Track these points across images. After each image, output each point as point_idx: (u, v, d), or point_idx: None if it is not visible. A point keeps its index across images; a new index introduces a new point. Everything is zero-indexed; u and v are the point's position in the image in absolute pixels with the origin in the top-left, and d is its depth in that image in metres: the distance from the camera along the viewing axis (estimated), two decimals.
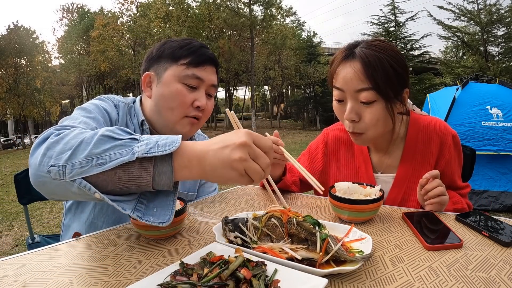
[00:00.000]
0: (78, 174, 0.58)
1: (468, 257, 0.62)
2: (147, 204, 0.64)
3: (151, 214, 0.63)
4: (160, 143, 0.60)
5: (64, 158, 0.58)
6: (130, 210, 0.61)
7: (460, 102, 3.92)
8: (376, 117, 0.93)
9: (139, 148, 0.59)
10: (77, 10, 32.09)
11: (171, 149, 0.59)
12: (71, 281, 0.57)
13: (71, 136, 0.62)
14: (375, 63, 0.89)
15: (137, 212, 0.62)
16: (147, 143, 0.60)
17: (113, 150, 0.59)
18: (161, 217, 0.63)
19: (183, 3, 20.83)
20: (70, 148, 0.59)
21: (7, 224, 4.27)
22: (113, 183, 0.60)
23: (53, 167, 0.58)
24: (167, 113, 0.95)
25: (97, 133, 0.61)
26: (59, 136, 0.62)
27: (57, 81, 27.01)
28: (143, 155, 0.58)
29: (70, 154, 0.58)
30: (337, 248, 0.57)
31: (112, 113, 0.95)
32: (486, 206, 3.67)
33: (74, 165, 0.58)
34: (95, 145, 0.59)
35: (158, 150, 0.58)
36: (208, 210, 0.96)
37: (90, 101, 0.97)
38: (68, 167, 0.58)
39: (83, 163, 0.58)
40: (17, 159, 14.26)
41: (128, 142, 0.60)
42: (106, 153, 0.58)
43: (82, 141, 0.60)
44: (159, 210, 0.64)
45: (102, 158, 0.58)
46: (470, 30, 13.24)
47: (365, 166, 1.09)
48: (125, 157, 0.58)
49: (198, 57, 0.95)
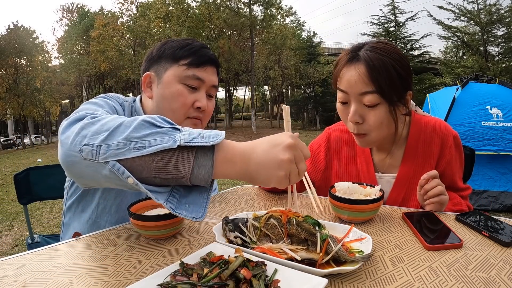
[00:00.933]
0: (113, 155, 0.55)
1: (468, 257, 0.62)
2: (179, 199, 0.61)
3: (184, 208, 0.60)
4: (204, 134, 0.58)
5: (100, 138, 0.56)
6: (164, 201, 0.58)
7: (460, 102, 3.92)
8: (380, 120, 0.93)
9: (181, 137, 0.57)
10: (77, 10, 32.11)
11: (216, 141, 0.57)
12: (71, 281, 0.57)
13: (108, 119, 0.60)
14: (379, 66, 0.89)
15: (170, 203, 0.59)
16: (190, 133, 0.58)
17: (154, 136, 0.56)
18: (194, 213, 0.60)
19: (183, 3, 20.83)
20: (107, 129, 0.57)
21: (7, 224, 4.27)
22: (149, 171, 0.57)
23: (86, 146, 0.56)
24: (168, 114, 0.95)
25: (136, 118, 0.59)
26: (96, 118, 0.60)
27: (57, 81, 27.00)
28: (186, 144, 0.56)
29: (107, 135, 0.56)
30: (337, 248, 0.57)
31: (119, 112, 0.95)
32: (486, 206, 3.67)
33: (110, 146, 0.55)
34: (135, 128, 0.57)
35: (201, 141, 0.56)
36: (208, 210, 0.96)
37: (96, 97, 0.93)
38: (103, 148, 0.55)
39: (120, 144, 0.55)
40: (17, 159, 14.25)
41: (170, 130, 0.58)
42: (146, 138, 0.56)
43: (121, 124, 0.58)
44: (192, 206, 0.61)
45: (141, 142, 0.55)
46: (470, 30, 13.24)
47: (367, 165, 1.09)
48: (166, 144, 0.55)
49: (199, 57, 0.95)
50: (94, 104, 0.84)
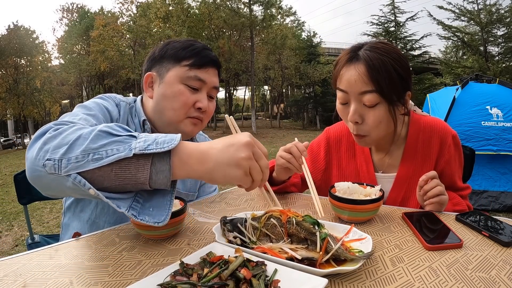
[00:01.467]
0: (73, 168, 0.57)
1: (468, 257, 0.62)
2: (143, 203, 0.63)
3: (147, 214, 0.61)
4: (159, 140, 0.59)
5: (61, 152, 0.57)
6: (125, 209, 0.59)
7: (460, 102, 3.92)
8: (379, 119, 0.93)
9: (136, 145, 0.58)
10: (77, 10, 32.10)
11: (170, 146, 0.58)
12: (71, 281, 0.57)
13: (69, 131, 0.61)
14: (379, 66, 0.90)
15: (132, 210, 0.60)
16: (145, 140, 0.59)
17: (111, 145, 0.58)
18: (156, 217, 0.61)
19: (183, 3, 20.82)
20: (67, 143, 0.58)
21: (7, 224, 4.27)
22: (109, 180, 0.59)
23: (48, 161, 0.57)
24: (169, 113, 0.95)
25: (95, 129, 0.61)
26: (57, 131, 0.62)
27: (57, 81, 26.99)
28: (141, 152, 0.57)
29: (66, 148, 0.58)
30: (337, 247, 0.57)
31: (113, 112, 0.95)
32: (486, 206, 3.67)
33: (70, 159, 0.57)
34: (92, 140, 0.58)
35: (156, 147, 0.57)
36: (208, 210, 0.96)
37: (91, 99, 0.96)
38: (63, 161, 0.57)
39: (79, 157, 0.57)
40: (17, 159, 14.25)
41: (126, 138, 0.59)
42: (103, 149, 0.57)
43: (79, 136, 0.59)
44: (156, 210, 0.62)
45: (98, 153, 0.57)
46: (470, 30, 13.24)
47: (367, 165, 1.09)
48: (122, 153, 0.57)
49: (201, 58, 0.95)
50: (83, 108, 0.87)
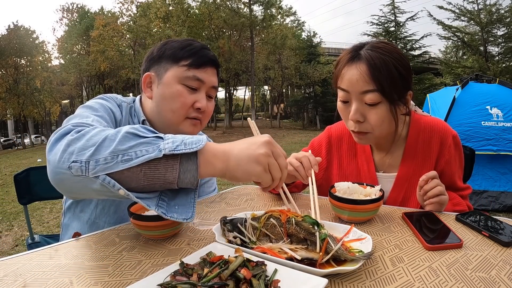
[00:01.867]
0: (102, 170, 0.57)
1: (468, 257, 0.62)
2: (168, 202, 0.64)
3: (174, 211, 0.63)
4: (186, 141, 0.61)
5: (87, 154, 0.57)
6: (155, 207, 0.61)
7: (460, 102, 3.92)
8: (381, 118, 0.94)
9: (165, 146, 0.59)
10: (77, 10, 32.08)
11: (198, 147, 0.60)
12: (71, 281, 0.57)
13: (92, 133, 0.61)
14: (380, 65, 0.90)
15: (161, 208, 0.62)
16: (173, 141, 0.61)
17: (139, 147, 0.59)
18: (184, 214, 0.64)
19: (183, 3, 20.82)
20: (93, 144, 0.58)
21: (7, 224, 4.27)
22: (137, 180, 0.60)
23: (74, 163, 0.57)
24: (168, 114, 0.95)
25: (120, 130, 0.61)
26: (80, 133, 0.61)
27: (57, 81, 26.99)
28: (170, 152, 0.59)
29: (93, 150, 0.58)
30: (337, 247, 0.57)
31: (116, 113, 0.95)
32: (486, 206, 3.67)
33: (98, 161, 0.57)
34: (120, 141, 0.59)
35: (185, 148, 0.59)
36: (208, 211, 0.96)
37: (93, 99, 0.95)
38: (91, 163, 0.57)
39: (108, 159, 0.57)
40: (17, 159, 14.26)
41: (154, 140, 0.61)
42: (132, 150, 0.58)
43: (106, 138, 0.59)
44: (181, 208, 0.64)
45: (128, 155, 0.58)
46: (470, 30, 13.24)
47: (368, 165, 1.09)
48: (151, 154, 0.58)
49: (199, 58, 0.95)
50: (89, 108, 0.86)
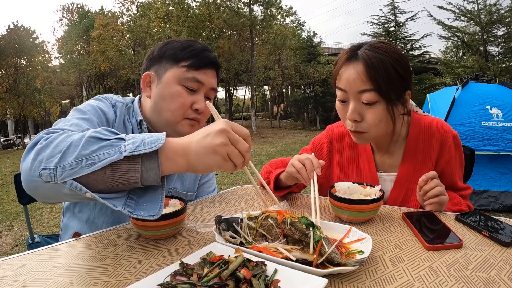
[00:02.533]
0: (69, 175, 0.60)
1: (468, 257, 0.62)
2: (137, 200, 0.66)
3: (142, 209, 0.65)
4: (146, 141, 0.62)
5: (54, 161, 0.60)
6: (121, 206, 0.63)
7: (460, 102, 3.92)
8: (378, 118, 0.94)
9: (126, 147, 0.61)
10: (77, 10, 32.07)
11: (157, 146, 0.61)
12: (71, 281, 0.57)
13: (59, 139, 0.63)
14: (377, 65, 0.90)
15: (128, 207, 0.64)
16: (133, 141, 0.62)
17: (101, 150, 0.61)
18: (151, 211, 0.64)
19: (183, 3, 20.80)
20: (59, 151, 0.61)
21: (7, 224, 4.27)
22: (103, 182, 0.62)
23: (44, 171, 0.60)
24: (166, 114, 0.95)
25: (84, 135, 0.63)
26: (48, 140, 0.64)
27: (57, 81, 26.96)
28: (131, 154, 0.60)
29: (60, 157, 0.60)
30: (330, 251, 0.57)
31: (108, 114, 0.95)
32: (486, 206, 3.67)
33: (65, 167, 0.60)
34: (83, 147, 0.61)
35: (144, 148, 0.61)
36: (208, 211, 0.96)
37: (87, 101, 0.97)
38: (58, 170, 0.60)
39: (73, 164, 0.60)
40: (17, 159, 14.25)
41: (115, 142, 0.62)
42: (95, 154, 0.60)
43: (70, 144, 0.62)
44: (149, 204, 0.66)
45: (91, 159, 0.60)
46: (470, 30, 13.23)
47: (369, 164, 1.10)
48: (113, 157, 0.60)
49: (199, 60, 0.95)
50: (78, 112, 0.89)
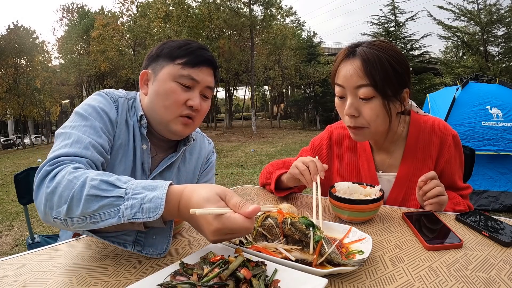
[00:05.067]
0: (79, 227, 0.65)
1: (468, 257, 0.62)
2: (147, 232, 0.70)
3: (151, 244, 0.70)
4: (145, 206, 0.61)
5: (63, 212, 0.64)
6: (131, 246, 0.70)
7: (460, 102, 3.92)
8: (375, 113, 0.94)
9: (124, 213, 0.61)
10: (77, 10, 32.05)
11: (155, 216, 0.60)
12: (71, 281, 0.57)
13: (62, 187, 0.65)
14: (374, 61, 0.91)
15: (137, 246, 0.70)
16: (132, 205, 0.61)
17: (102, 210, 0.62)
18: (159, 247, 0.69)
19: (183, 3, 20.80)
20: (65, 202, 0.64)
21: (7, 224, 4.27)
22: (111, 229, 0.68)
23: (56, 219, 0.65)
24: (160, 111, 0.95)
25: (84, 185, 0.64)
26: (53, 184, 0.66)
27: (57, 81, 26.94)
28: (129, 221, 0.61)
29: (66, 209, 0.64)
30: (330, 251, 0.57)
31: (110, 112, 0.95)
32: (486, 206, 3.67)
33: (73, 220, 0.64)
34: (84, 205, 0.63)
35: (142, 216, 0.60)
36: None
37: (88, 99, 0.95)
38: (69, 221, 0.64)
39: (79, 220, 0.64)
40: (17, 159, 14.26)
41: (114, 201, 0.62)
42: (96, 213, 0.63)
43: (73, 197, 0.64)
44: (158, 237, 0.70)
45: (94, 218, 0.63)
46: (470, 30, 13.22)
47: (368, 164, 1.10)
48: (113, 219, 0.62)
49: (195, 58, 0.95)
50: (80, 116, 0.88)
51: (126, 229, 0.69)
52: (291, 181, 1.02)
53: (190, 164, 1.08)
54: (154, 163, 0.99)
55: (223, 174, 7.14)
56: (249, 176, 6.75)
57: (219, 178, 6.64)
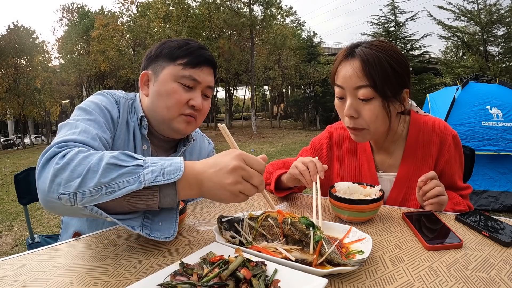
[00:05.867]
0: (89, 201, 0.61)
1: (468, 257, 0.62)
2: (152, 219, 0.69)
3: (158, 229, 0.68)
4: (165, 170, 0.63)
5: (74, 186, 0.60)
6: (139, 229, 0.67)
7: (460, 102, 3.92)
8: (375, 114, 0.94)
9: (145, 177, 0.61)
10: (77, 10, 32.04)
11: (176, 177, 0.62)
12: (71, 281, 0.57)
13: (76, 161, 0.63)
14: (373, 61, 0.91)
15: (145, 229, 0.68)
16: (153, 170, 0.62)
17: (121, 178, 0.61)
18: (166, 232, 0.68)
19: (183, 3, 20.79)
20: (78, 176, 0.61)
21: (7, 224, 4.27)
22: (121, 207, 0.65)
23: (63, 195, 0.61)
24: (162, 111, 0.95)
25: (102, 158, 0.63)
26: (64, 160, 0.64)
27: (57, 81, 26.92)
28: (150, 184, 0.61)
29: (79, 182, 0.61)
30: (330, 251, 0.57)
31: (113, 111, 0.95)
32: (486, 206, 3.67)
33: (85, 193, 0.60)
34: (102, 174, 0.61)
35: (163, 179, 0.62)
36: (208, 211, 0.96)
37: (91, 97, 0.96)
38: (78, 195, 0.60)
39: (93, 192, 0.60)
40: (17, 159, 14.26)
41: (134, 169, 0.62)
42: (114, 182, 0.61)
43: (89, 169, 0.62)
44: (164, 223, 0.69)
45: (111, 187, 0.61)
46: (470, 30, 13.22)
47: (368, 164, 1.10)
48: (133, 186, 0.61)
49: (195, 58, 0.95)
50: (83, 111, 0.88)
51: (136, 209, 0.67)
52: (291, 181, 1.02)
53: None
54: None
55: None
56: None
57: None
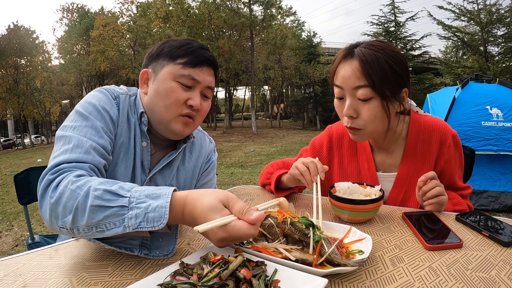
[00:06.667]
0: (85, 236, 0.66)
1: (468, 257, 0.62)
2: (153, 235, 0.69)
3: (157, 247, 0.70)
4: (149, 216, 0.61)
5: (68, 222, 0.65)
6: (138, 250, 0.70)
7: (460, 102, 3.92)
8: (373, 114, 0.94)
9: (129, 222, 0.61)
10: (77, 10, 32.04)
11: (160, 225, 0.60)
12: (71, 281, 0.57)
13: (66, 196, 0.66)
14: (372, 61, 0.91)
15: (144, 249, 0.70)
16: (137, 214, 0.61)
17: (107, 219, 0.63)
18: (165, 249, 0.70)
19: (183, 3, 20.79)
20: (69, 212, 0.65)
21: (7, 224, 4.27)
22: (117, 237, 0.68)
23: (62, 228, 0.66)
24: (161, 110, 0.95)
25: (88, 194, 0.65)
26: (56, 195, 0.67)
27: (57, 81, 26.94)
28: (134, 230, 0.61)
29: (71, 219, 0.64)
30: (330, 251, 0.57)
31: (111, 110, 0.95)
32: (486, 206, 3.67)
33: (79, 229, 0.65)
34: (89, 215, 0.63)
35: (147, 225, 0.61)
36: None
37: (89, 96, 0.93)
38: (75, 230, 0.65)
39: (85, 229, 0.64)
40: (17, 159, 14.26)
41: (118, 210, 0.63)
42: (101, 223, 0.63)
43: (77, 208, 0.65)
44: (164, 240, 0.70)
45: (100, 227, 0.63)
46: (470, 30, 13.22)
47: (368, 164, 1.10)
48: (118, 229, 0.62)
49: (195, 57, 0.95)
50: (80, 116, 0.87)
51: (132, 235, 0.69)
52: (291, 181, 1.02)
53: (190, 162, 1.08)
54: (154, 161, 0.99)
55: (223, 174, 7.14)
56: (249, 176, 6.75)
57: (219, 178, 6.63)
